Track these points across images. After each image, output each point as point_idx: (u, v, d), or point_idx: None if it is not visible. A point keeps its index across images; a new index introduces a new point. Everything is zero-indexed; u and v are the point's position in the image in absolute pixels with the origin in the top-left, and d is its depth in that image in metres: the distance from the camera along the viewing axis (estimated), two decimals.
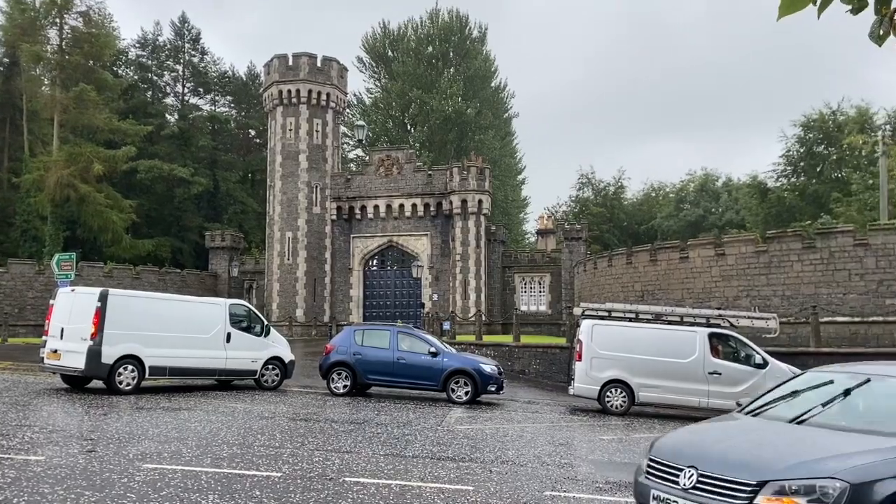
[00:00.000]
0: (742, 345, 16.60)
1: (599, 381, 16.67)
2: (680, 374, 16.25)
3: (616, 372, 16.61)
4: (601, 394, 16.68)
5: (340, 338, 18.94)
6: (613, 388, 16.66)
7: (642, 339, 16.74)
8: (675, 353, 16.41)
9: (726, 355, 16.53)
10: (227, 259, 53.53)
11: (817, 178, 50.89)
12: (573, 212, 68.16)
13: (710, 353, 16.33)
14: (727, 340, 16.73)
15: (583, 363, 16.84)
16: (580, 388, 16.95)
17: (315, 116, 48.19)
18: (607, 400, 16.68)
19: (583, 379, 16.81)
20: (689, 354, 16.33)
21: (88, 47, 50.38)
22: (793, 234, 27.62)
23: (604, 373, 16.66)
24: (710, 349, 16.36)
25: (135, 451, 9.27)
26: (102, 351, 15.60)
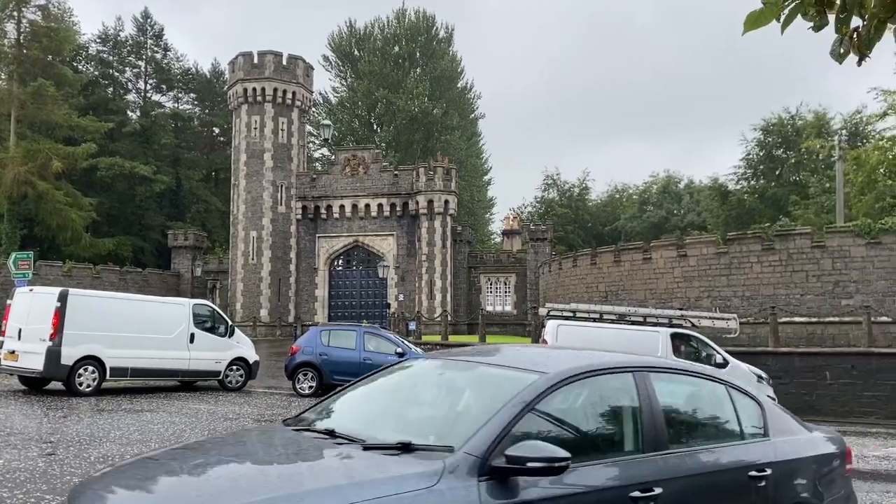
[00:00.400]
0: (703, 345, 16.86)
1: None
2: None
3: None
4: None
5: (306, 338, 18.84)
6: None
7: (606, 339, 16.87)
8: (638, 352, 16.59)
9: (688, 355, 16.78)
10: (190, 258, 52.85)
11: (776, 182, 52.06)
12: (538, 212, 68.72)
13: (673, 353, 16.59)
14: (689, 340, 16.98)
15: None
16: None
17: (280, 115, 47.83)
18: None
19: None
20: (651, 354, 16.55)
21: (47, 42, 49.34)
22: (752, 236, 28.22)
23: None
24: (673, 349, 16.61)
25: (96, 454, 9.13)
26: (62, 352, 15.32)
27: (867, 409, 18.71)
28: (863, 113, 47.68)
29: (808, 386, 19.03)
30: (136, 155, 57.95)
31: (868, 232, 25.02)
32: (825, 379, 19.06)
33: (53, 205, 46.97)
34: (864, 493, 9.07)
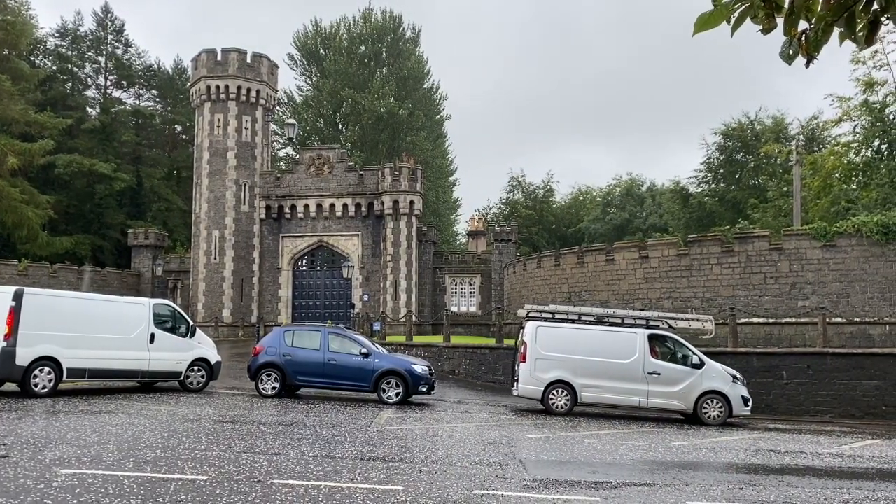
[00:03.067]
0: (679, 346, 17.10)
1: (543, 382, 16.83)
2: (621, 375, 16.60)
3: (559, 373, 16.81)
4: (545, 394, 16.83)
5: (270, 338, 18.67)
6: (557, 389, 16.83)
7: (585, 340, 17.00)
8: (616, 353, 16.75)
9: (665, 356, 17.01)
10: (151, 258, 51.97)
11: (736, 185, 53.05)
12: (503, 214, 68.99)
13: (650, 354, 16.78)
14: (666, 341, 17.21)
15: (527, 364, 16.95)
16: (524, 389, 17.06)
17: (244, 113, 47.32)
18: (551, 400, 16.82)
19: (527, 380, 16.93)
20: (629, 355, 16.71)
21: (3, 35, 48.15)
22: (712, 239, 28.70)
23: (547, 374, 16.84)
24: (650, 350, 16.80)
25: (52, 456, 8.94)
26: (17, 352, 14.98)
27: (822, 407, 19.18)
28: (819, 119, 48.86)
29: (765, 385, 19.43)
30: (96, 152, 56.81)
31: (824, 235, 25.62)
32: (782, 378, 19.49)
33: (9, 202, 45.80)
34: (819, 489, 9.30)
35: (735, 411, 16.58)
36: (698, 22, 3.13)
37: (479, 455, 10.70)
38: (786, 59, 3.17)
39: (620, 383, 16.62)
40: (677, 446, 12.86)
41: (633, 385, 16.58)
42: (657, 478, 9.70)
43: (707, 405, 16.55)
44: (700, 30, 3.15)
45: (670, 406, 16.87)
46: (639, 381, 16.57)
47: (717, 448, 12.87)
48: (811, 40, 3.08)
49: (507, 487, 8.53)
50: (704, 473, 10.22)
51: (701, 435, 14.77)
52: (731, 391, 16.58)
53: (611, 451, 11.85)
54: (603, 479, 9.34)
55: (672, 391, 16.53)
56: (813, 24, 3.07)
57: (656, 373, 16.60)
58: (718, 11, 3.09)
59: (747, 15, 3.09)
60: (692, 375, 16.62)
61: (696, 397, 16.56)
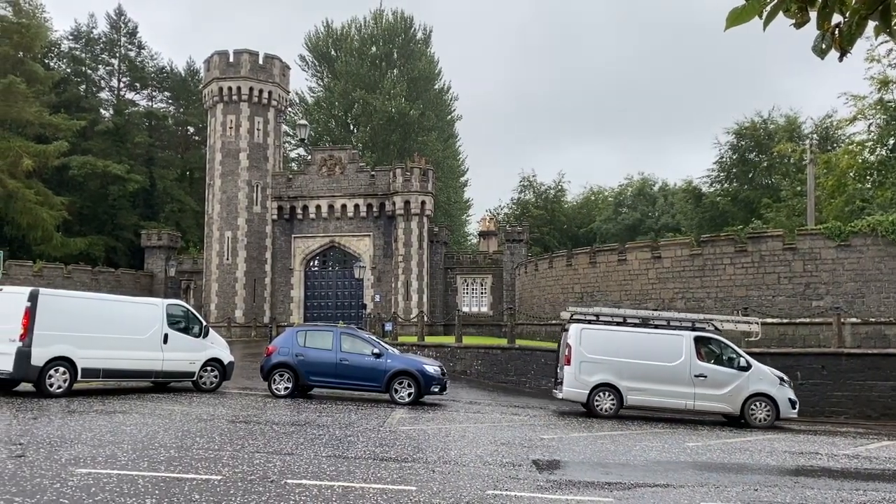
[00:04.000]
0: (726, 348, 16.91)
1: (588, 385, 16.65)
2: (667, 378, 16.45)
3: (605, 376, 16.61)
4: (590, 397, 16.66)
5: (282, 339, 18.70)
6: (602, 392, 16.65)
7: (630, 342, 16.81)
8: (662, 356, 16.59)
9: (711, 358, 16.79)
10: (164, 258, 52.29)
11: (749, 185, 52.74)
12: (515, 214, 68.91)
13: (696, 357, 16.61)
14: (712, 344, 17.00)
15: (571, 367, 16.78)
16: (569, 392, 16.88)
17: (256, 114, 47.51)
18: (596, 403, 16.64)
19: (572, 383, 16.76)
20: (675, 358, 16.54)
21: (18, 38, 48.55)
22: (725, 239, 28.54)
23: (592, 377, 16.65)
24: (696, 352, 16.61)
25: (67, 456, 9.00)
26: (32, 352, 15.08)
27: (837, 408, 19.04)
28: (833, 117, 48.51)
29: None
30: (109, 154, 57.22)
31: (838, 234, 25.42)
32: (796, 379, 19.34)
33: (24, 204, 46.21)
34: (835, 491, 9.22)
35: (782, 414, 16.40)
36: (730, 17, 3.11)
37: (492, 455, 10.68)
38: (818, 53, 3.14)
39: (667, 386, 16.45)
40: (691, 447, 12.79)
41: (680, 388, 16.41)
42: (671, 478, 9.66)
43: (754, 408, 16.38)
44: (732, 24, 3.13)
45: (717, 409, 16.70)
46: (685, 383, 16.40)
47: (730, 449, 12.79)
48: (845, 34, 3.05)
49: (521, 488, 8.52)
50: (718, 474, 10.16)
51: (714, 436, 14.69)
52: (778, 394, 16.42)
53: (624, 451, 11.80)
54: (616, 480, 9.31)
55: (719, 394, 16.36)
56: (847, 18, 3.04)
57: (703, 375, 16.40)
58: (751, 6, 3.07)
59: (780, 9, 3.07)
60: (739, 378, 16.44)
61: (744, 400, 16.38)
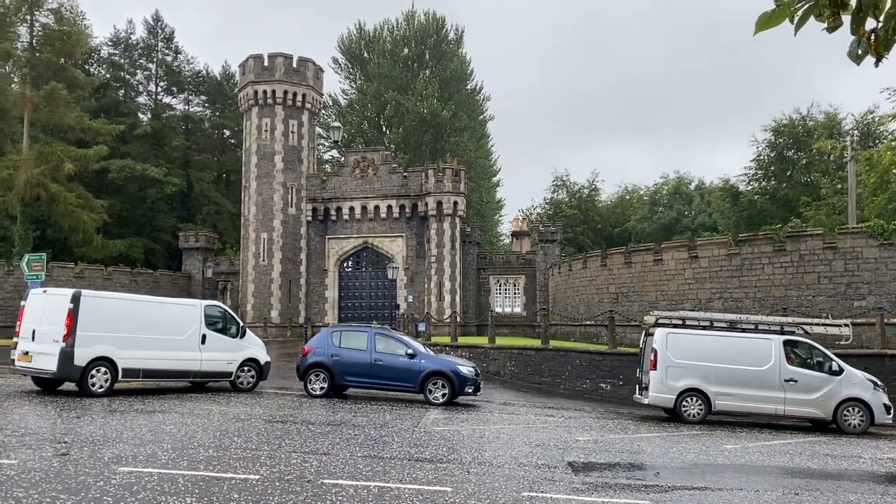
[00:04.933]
0: (817, 352, 16.62)
1: (675, 391, 16.46)
2: (756, 382, 16.20)
3: (692, 381, 16.41)
4: (677, 402, 16.48)
5: (318, 339, 18.85)
6: (690, 397, 16.45)
7: (717, 347, 16.57)
8: (750, 360, 16.34)
9: (801, 362, 16.51)
10: (201, 260, 53.06)
11: (787, 183, 51.78)
12: (548, 214, 68.55)
13: (786, 361, 16.31)
14: (802, 347, 16.73)
15: (658, 372, 16.57)
16: (655, 398, 16.68)
17: (291, 117, 47.97)
18: (683, 408, 16.44)
19: (658, 388, 16.55)
20: (764, 362, 16.29)
21: (60, 45, 49.61)
22: (764, 238, 28.07)
23: (679, 381, 16.46)
24: (786, 356, 16.33)
25: (110, 454, 9.19)
26: (75, 353, 15.42)
27: None
28: (875, 113, 47.38)
29: None
30: (148, 157, 58.25)
31: (881, 233, 24.82)
32: None
33: (65, 207, 47.23)
34: (879, 496, 9.02)
35: (877, 419, 16.03)
36: (759, 21, 3.06)
37: (527, 457, 10.65)
38: (854, 58, 3.08)
39: (756, 391, 16.19)
40: (729, 449, 12.62)
41: (770, 392, 16.14)
42: (709, 481, 9.53)
43: (848, 413, 16.04)
44: (761, 29, 3.08)
45: (808, 414, 16.42)
46: (775, 388, 16.14)
47: (770, 452, 12.59)
48: (881, 39, 2.99)
49: (556, 490, 8.48)
50: (758, 477, 10.00)
51: (753, 438, 14.47)
52: (872, 399, 16.07)
53: (661, 453, 11.68)
54: (653, 483, 9.22)
55: (810, 399, 16.07)
56: (882, 22, 2.98)
57: (793, 380, 16.13)
58: (781, 10, 3.02)
59: (811, 13, 3.02)
60: (831, 382, 16.13)
61: (836, 405, 16.06)
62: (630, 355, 22.96)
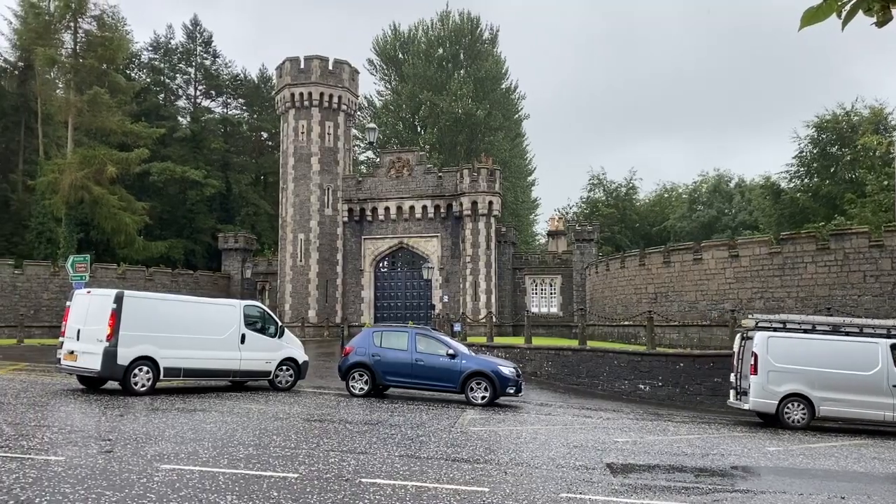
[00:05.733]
0: None
1: (777, 396, 16.12)
2: (862, 388, 15.83)
3: (795, 385, 16.07)
4: (779, 408, 16.14)
5: (359, 339, 18.90)
6: (793, 402, 16.09)
7: (820, 351, 16.18)
8: (855, 365, 15.97)
9: None
10: (240, 260, 53.79)
11: (831, 179, 50.59)
12: (584, 213, 68.06)
13: (894, 365, 15.89)
14: None
15: (759, 377, 16.22)
16: (757, 403, 16.32)
17: (327, 119, 48.36)
18: (786, 414, 16.10)
19: (759, 393, 16.21)
20: (871, 366, 15.91)
21: (102, 51, 50.72)
22: (806, 236, 27.50)
23: (781, 386, 16.11)
24: (894, 361, 15.92)
25: (152, 452, 9.34)
26: (118, 352, 15.73)
27: None
28: None
29: None
30: (187, 159, 59.25)
31: None
32: None
33: (108, 209, 48.25)
34: None
35: None
36: (805, 16, 2.98)
37: (565, 458, 10.57)
38: None
39: (862, 396, 15.78)
40: (772, 452, 12.37)
41: (877, 398, 15.73)
42: (750, 484, 9.36)
43: None
44: (807, 24, 3.00)
45: None
46: (883, 393, 15.71)
47: (814, 454, 12.31)
48: None
49: (595, 491, 8.40)
50: (802, 481, 9.78)
51: (797, 440, 14.16)
52: None
53: (701, 455, 11.50)
54: (693, 485, 9.08)
55: None
56: None
57: None
58: (828, 5, 2.94)
59: (859, 8, 2.93)
60: None
61: None
62: (669, 356, 22.67)
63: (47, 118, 52.12)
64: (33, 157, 52.44)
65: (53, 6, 51.19)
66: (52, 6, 51.23)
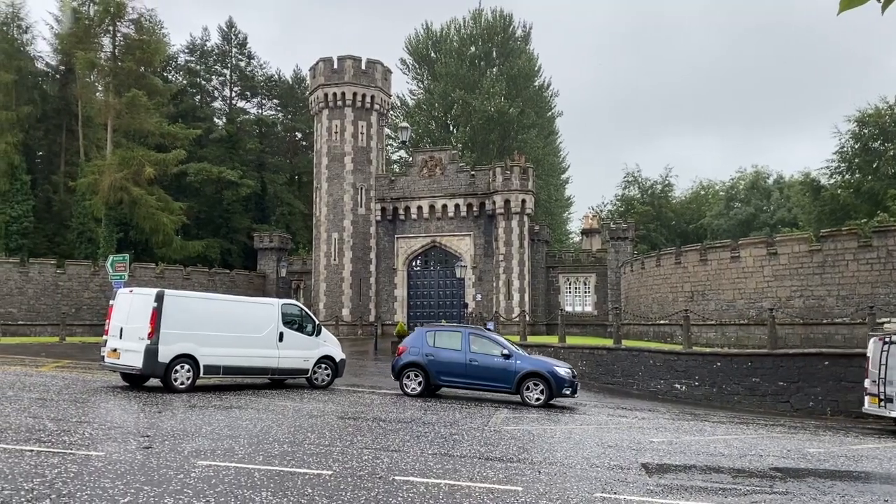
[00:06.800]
0: None
1: None
2: None
3: None
4: None
5: (412, 339, 18.89)
6: None
7: None
8: None
9: None
10: (275, 259, 54.36)
11: (873, 175, 49.41)
12: (619, 211, 67.48)
13: None
14: None
15: None
16: None
17: (360, 119, 48.62)
18: None
19: None
20: None
21: (140, 54, 51.63)
22: (848, 233, 26.89)
23: None
24: None
25: (189, 448, 9.47)
26: (159, 350, 16.05)
27: None
28: None
29: None
30: (223, 160, 60.05)
31: None
32: None
33: (146, 209, 49.11)
34: None
35: None
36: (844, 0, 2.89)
37: (600, 458, 10.47)
38: None
39: None
40: (812, 453, 12.12)
41: None
42: (790, 486, 9.17)
43: None
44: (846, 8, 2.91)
45: None
46: None
47: (856, 456, 12.03)
48: None
49: (630, 491, 8.30)
50: (844, 483, 9.56)
51: (838, 442, 13.86)
52: None
53: (739, 456, 11.31)
54: (730, 486, 8.93)
55: None
56: None
57: None
58: None
59: None
60: None
61: None
62: (706, 355, 22.35)
63: (87, 121, 53.18)
64: (74, 158, 53.58)
65: (93, 11, 52.26)
66: (92, 11, 52.30)
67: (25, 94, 51.46)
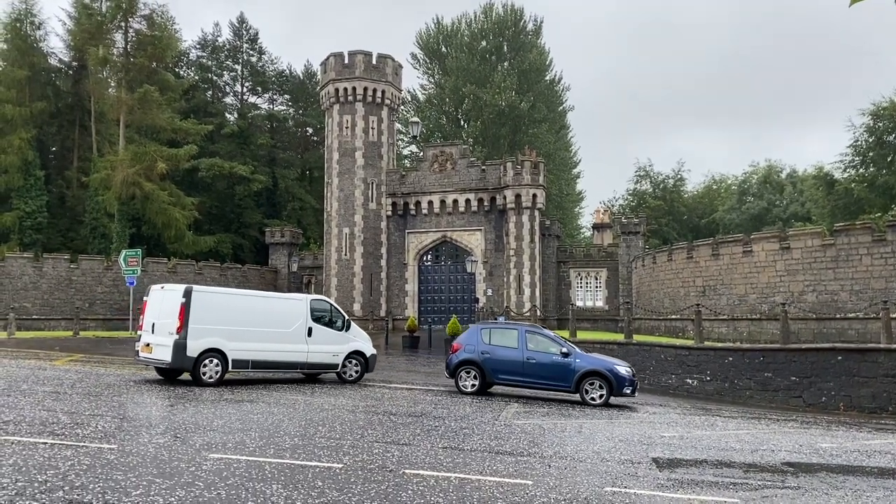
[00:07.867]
0: None
1: None
2: None
3: None
4: None
5: (467, 336, 18.73)
6: None
7: None
8: None
9: None
10: (287, 254, 54.53)
11: (888, 169, 48.98)
12: (630, 205, 67.23)
13: None
14: None
15: None
16: None
17: (371, 114, 48.62)
18: None
19: None
20: None
21: (152, 49, 51.85)
22: (862, 227, 26.69)
23: None
24: None
25: (201, 441, 9.53)
26: (187, 344, 16.34)
27: None
28: None
29: None
30: (235, 155, 60.23)
31: None
32: None
33: (159, 204, 49.37)
34: None
35: None
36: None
37: (610, 452, 10.46)
38: None
39: None
40: (824, 448, 12.05)
41: None
42: (802, 481, 9.13)
43: None
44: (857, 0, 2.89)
45: None
46: None
47: (869, 451, 11.95)
48: None
49: (640, 486, 8.29)
50: (856, 478, 9.51)
51: (851, 437, 13.78)
52: None
53: (751, 451, 11.27)
54: (742, 481, 8.90)
55: None
56: None
57: None
58: None
59: None
60: None
61: None
62: (717, 350, 22.26)
63: (100, 116, 53.49)
64: (87, 154, 53.91)
65: (105, 7, 52.50)
66: (105, 7, 52.54)
67: (39, 90, 51.83)
